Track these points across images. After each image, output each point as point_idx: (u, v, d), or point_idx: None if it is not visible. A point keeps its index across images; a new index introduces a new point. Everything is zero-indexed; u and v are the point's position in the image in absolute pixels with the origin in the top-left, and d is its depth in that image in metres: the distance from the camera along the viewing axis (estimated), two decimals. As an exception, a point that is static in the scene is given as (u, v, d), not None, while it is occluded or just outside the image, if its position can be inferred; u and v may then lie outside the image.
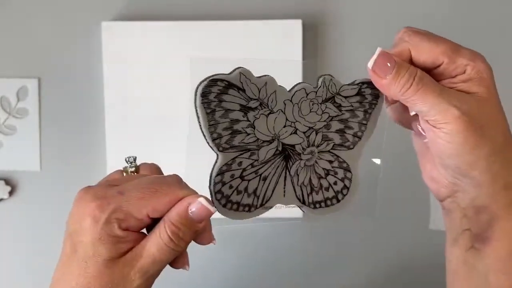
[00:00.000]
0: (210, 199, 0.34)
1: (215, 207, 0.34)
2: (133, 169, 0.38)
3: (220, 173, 0.35)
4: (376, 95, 0.36)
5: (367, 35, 0.66)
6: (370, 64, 0.33)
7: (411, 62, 0.33)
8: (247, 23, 0.64)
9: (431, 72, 0.33)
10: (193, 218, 0.32)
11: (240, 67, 0.33)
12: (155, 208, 0.32)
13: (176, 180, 0.34)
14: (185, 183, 0.34)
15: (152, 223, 0.34)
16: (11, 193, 0.67)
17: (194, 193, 0.33)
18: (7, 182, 0.67)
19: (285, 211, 0.66)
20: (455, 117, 0.32)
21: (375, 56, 0.33)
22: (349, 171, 0.38)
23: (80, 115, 0.67)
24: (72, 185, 0.67)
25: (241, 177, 0.35)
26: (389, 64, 0.32)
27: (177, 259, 0.35)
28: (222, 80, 0.32)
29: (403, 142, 0.65)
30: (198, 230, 0.33)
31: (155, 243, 0.32)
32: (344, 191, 0.38)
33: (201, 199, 0.32)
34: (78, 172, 0.67)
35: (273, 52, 0.64)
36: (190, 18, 0.65)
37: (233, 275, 0.69)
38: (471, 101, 0.32)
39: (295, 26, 0.63)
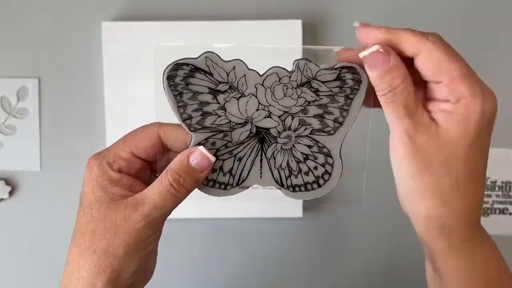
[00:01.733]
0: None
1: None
2: None
3: None
4: (358, 80, 0.35)
5: (367, 35, 0.66)
6: (363, 54, 0.32)
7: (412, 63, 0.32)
8: (247, 23, 0.64)
9: (429, 85, 0.32)
10: (194, 167, 0.35)
11: (207, 52, 0.34)
12: (136, 145, 0.36)
13: (154, 122, 0.37)
14: (164, 123, 0.36)
15: (150, 180, 0.37)
16: (11, 193, 0.67)
17: (173, 127, 0.36)
18: (7, 182, 0.67)
19: (285, 211, 0.66)
20: (403, 142, 0.32)
21: (371, 50, 0.32)
22: (330, 156, 0.37)
23: (80, 115, 0.67)
24: (72, 185, 0.67)
25: (215, 156, 0.36)
26: (381, 60, 0.32)
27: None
28: (187, 64, 0.34)
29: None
30: (199, 180, 0.35)
31: (157, 189, 0.34)
32: (326, 177, 0.37)
33: (201, 148, 0.35)
34: (78, 172, 0.67)
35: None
36: (190, 18, 0.65)
37: (233, 275, 0.69)
38: (432, 135, 0.31)
39: (295, 26, 0.63)
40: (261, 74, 0.35)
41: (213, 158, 0.35)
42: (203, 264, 0.68)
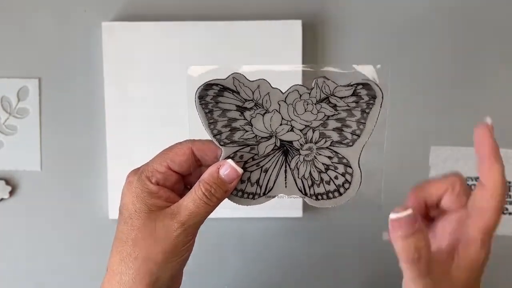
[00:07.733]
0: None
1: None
2: None
3: None
4: (373, 95, 0.38)
5: (367, 35, 0.66)
6: (393, 216, 0.35)
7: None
8: (247, 23, 0.64)
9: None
10: (224, 179, 0.38)
11: (234, 73, 0.37)
12: (172, 160, 0.39)
13: (188, 139, 0.40)
14: (196, 139, 0.40)
15: (184, 192, 0.40)
16: (11, 193, 0.67)
17: (205, 143, 0.39)
18: (8, 182, 0.67)
19: (285, 211, 0.66)
20: None
21: (399, 215, 0.35)
22: (349, 166, 0.40)
23: (80, 115, 0.67)
24: (72, 185, 0.67)
25: (243, 168, 0.39)
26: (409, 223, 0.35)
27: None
28: (216, 85, 0.37)
29: (402, 140, 0.65)
30: (228, 190, 0.39)
31: (191, 199, 0.38)
32: (346, 185, 0.40)
33: (230, 161, 0.38)
34: (78, 172, 0.67)
35: (273, 53, 0.64)
36: (190, 18, 0.65)
37: (233, 275, 0.69)
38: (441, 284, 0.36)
39: (295, 26, 0.63)
40: (283, 91, 0.38)
41: (241, 170, 0.39)
42: (203, 264, 0.68)
